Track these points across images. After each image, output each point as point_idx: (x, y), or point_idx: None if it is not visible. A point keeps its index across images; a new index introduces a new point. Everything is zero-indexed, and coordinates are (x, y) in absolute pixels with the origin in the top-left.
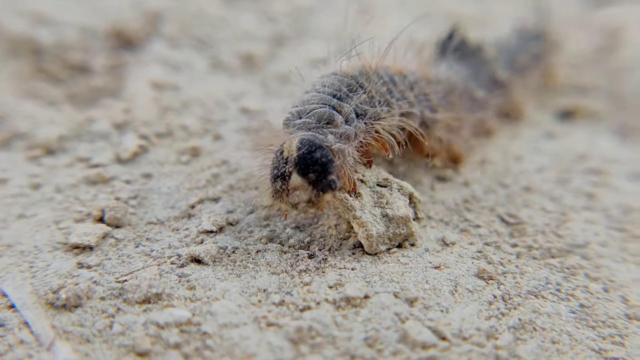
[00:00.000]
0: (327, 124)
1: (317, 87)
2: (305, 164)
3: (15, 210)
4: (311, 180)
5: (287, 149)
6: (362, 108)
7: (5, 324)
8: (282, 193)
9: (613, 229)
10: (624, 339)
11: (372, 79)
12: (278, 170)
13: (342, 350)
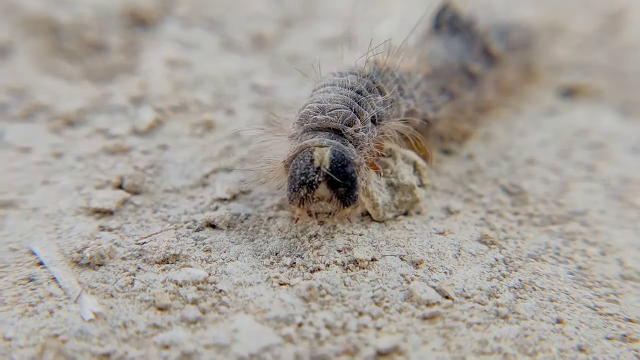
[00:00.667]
0: (348, 126)
1: (337, 88)
2: (338, 178)
3: (39, 177)
4: (340, 194)
5: (319, 158)
6: (378, 111)
7: (35, 278)
8: (305, 200)
9: (612, 198)
10: (619, 297)
11: (387, 79)
12: (306, 177)
13: (350, 307)
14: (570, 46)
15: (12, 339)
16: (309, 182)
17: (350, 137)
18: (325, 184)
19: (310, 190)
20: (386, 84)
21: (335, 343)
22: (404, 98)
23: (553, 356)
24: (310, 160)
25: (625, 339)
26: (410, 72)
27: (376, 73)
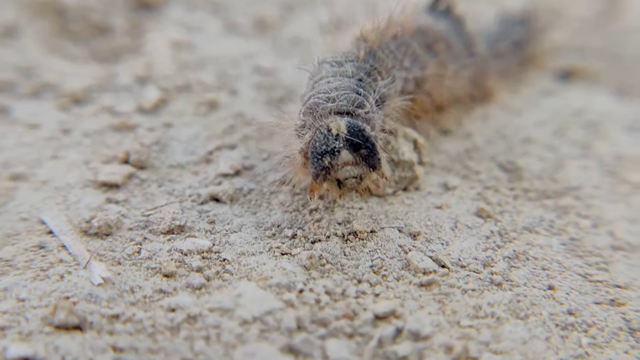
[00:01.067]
0: (358, 108)
1: (338, 77)
2: (358, 140)
3: (48, 152)
4: (363, 156)
5: (336, 127)
6: (380, 93)
7: (45, 246)
8: (330, 170)
9: (605, 174)
10: (608, 265)
11: (381, 58)
12: (327, 146)
13: (350, 275)
14: (569, 30)
15: (26, 299)
16: (331, 150)
17: (362, 119)
18: (347, 148)
19: (333, 157)
20: (383, 65)
21: (335, 308)
22: (398, 71)
23: (544, 319)
24: (328, 130)
25: (613, 303)
26: (397, 35)
27: (371, 56)
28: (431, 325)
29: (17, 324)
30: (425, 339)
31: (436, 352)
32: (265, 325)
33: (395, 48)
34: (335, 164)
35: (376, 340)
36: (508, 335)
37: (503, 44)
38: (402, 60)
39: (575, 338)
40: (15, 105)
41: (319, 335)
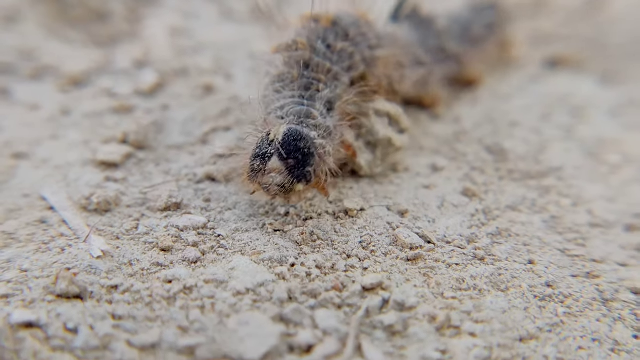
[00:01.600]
0: (307, 118)
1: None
2: (288, 149)
3: (48, 132)
4: (289, 166)
5: (275, 132)
6: (329, 97)
7: (46, 221)
8: (258, 172)
9: (586, 156)
10: (586, 241)
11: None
12: (260, 149)
13: (339, 250)
14: (556, 19)
15: (28, 270)
16: (262, 154)
17: (313, 123)
18: (277, 155)
19: (263, 162)
20: (321, 71)
21: (325, 280)
22: (341, 69)
23: (523, 291)
24: (267, 134)
25: (589, 275)
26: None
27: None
28: (416, 297)
29: (21, 292)
30: (410, 309)
31: (420, 321)
32: (257, 296)
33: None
34: (263, 168)
35: (363, 310)
36: (489, 305)
37: (477, 27)
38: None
39: (552, 308)
40: (16, 87)
41: (309, 305)
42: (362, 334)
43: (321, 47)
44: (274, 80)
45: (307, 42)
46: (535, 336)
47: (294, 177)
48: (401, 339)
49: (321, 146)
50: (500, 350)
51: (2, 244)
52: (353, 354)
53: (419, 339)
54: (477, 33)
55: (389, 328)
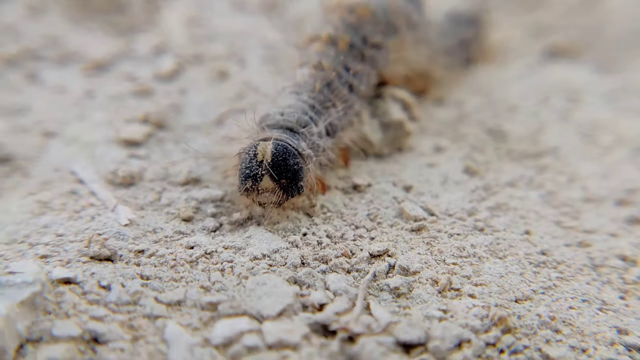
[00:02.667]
0: (304, 127)
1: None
2: (279, 170)
3: (75, 113)
4: (283, 186)
5: (262, 152)
6: (333, 123)
7: (77, 192)
8: (252, 192)
9: (582, 137)
10: (579, 214)
11: (337, 88)
12: (250, 170)
13: (348, 222)
14: (555, 11)
15: (63, 235)
16: (253, 175)
17: (304, 137)
18: (268, 176)
19: (254, 182)
20: (338, 95)
21: (335, 248)
22: (355, 96)
23: (519, 259)
24: (254, 154)
25: (581, 244)
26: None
27: (327, 87)
28: (420, 263)
29: (58, 254)
30: (414, 274)
31: (424, 284)
32: (273, 261)
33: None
34: (255, 188)
35: (371, 274)
36: (487, 270)
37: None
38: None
39: (546, 273)
40: (44, 72)
41: (320, 270)
42: (369, 295)
43: (342, 72)
44: (294, 85)
45: (331, 64)
46: (529, 297)
47: (289, 195)
48: (406, 299)
49: (309, 157)
50: (497, 310)
51: (39, 212)
52: (361, 311)
53: (422, 299)
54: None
55: (395, 290)
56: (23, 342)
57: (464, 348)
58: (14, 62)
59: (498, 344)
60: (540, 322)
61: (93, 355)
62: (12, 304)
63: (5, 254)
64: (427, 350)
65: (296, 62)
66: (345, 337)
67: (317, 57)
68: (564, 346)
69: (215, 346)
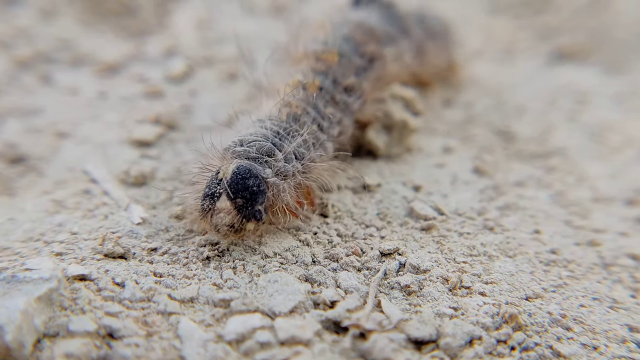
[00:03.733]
0: (268, 156)
1: (257, 126)
2: (236, 189)
3: (87, 113)
4: (237, 205)
5: (224, 171)
6: (299, 151)
7: (90, 191)
8: (208, 212)
9: (590, 137)
10: (588, 214)
11: (303, 122)
12: (209, 189)
13: (358, 221)
14: (562, 14)
15: (77, 233)
16: (211, 194)
17: (272, 164)
18: (225, 194)
19: (212, 201)
20: (303, 127)
21: (346, 247)
22: (325, 136)
23: (529, 257)
24: (216, 173)
25: (591, 243)
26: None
27: (293, 119)
28: (430, 261)
29: (72, 251)
30: (425, 272)
31: (434, 282)
32: (284, 259)
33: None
34: (212, 208)
35: (382, 272)
36: (497, 269)
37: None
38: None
39: (556, 272)
40: (57, 74)
41: (331, 268)
42: (380, 293)
43: (311, 111)
44: (262, 117)
45: (301, 105)
46: (540, 295)
47: (243, 217)
48: (417, 297)
49: (274, 184)
50: (507, 307)
51: (53, 210)
52: (373, 309)
53: (433, 297)
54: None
55: (406, 288)
56: (40, 336)
57: (475, 345)
58: (28, 64)
59: (509, 341)
60: (551, 319)
61: (108, 350)
62: (30, 299)
63: (22, 251)
64: (438, 347)
65: (263, 95)
66: (356, 334)
67: (286, 97)
68: (575, 344)
69: (229, 342)
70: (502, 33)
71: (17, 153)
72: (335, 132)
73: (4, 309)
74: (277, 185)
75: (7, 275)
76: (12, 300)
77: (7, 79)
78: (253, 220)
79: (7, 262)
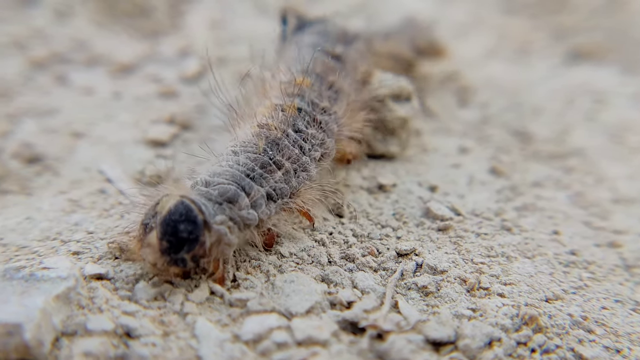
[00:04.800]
0: (229, 203)
1: (230, 162)
2: (165, 230)
3: (102, 113)
4: (162, 247)
5: (162, 204)
6: (278, 187)
7: (106, 191)
8: (138, 241)
9: (608, 138)
10: (609, 215)
11: (286, 146)
12: (146, 217)
13: (374, 221)
14: (579, 14)
15: (94, 232)
16: (145, 224)
17: (230, 213)
18: (154, 231)
19: (144, 232)
20: (286, 155)
21: (362, 247)
22: (309, 157)
23: (549, 258)
24: (156, 204)
25: (612, 245)
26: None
27: (272, 146)
28: (447, 262)
29: (89, 251)
30: (442, 273)
31: (452, 283)
32: (300, 259)
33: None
34: (143, 239)
35: (399, 272)
36: (516, 270)
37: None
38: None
39: (577, 273)
40: (72, 74)
41: (347, 268)
42: (397, 293)
43: (291, 133)
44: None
45: (280, 127)
46: (560, 297)
47: (165, 260)
48: (434, 298)
49: (219, 233)
50: (527, 309)
51: (70, 210)
52: (390, 309)
53: (451, 298)
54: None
55: (423, 289)
56: (58, 335)
57: (495, 347)
58: (44, 65)
59: (529, 343)
60: (572, 321)
61: (126, 349)
62: (48, 298)
63: (39, 250)
64: (457, 349)
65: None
66: (374, 335)
67: (263, 119)
68: (597, 346)
69: (245, 342)
70: (517, 33)
71: (33, 153)
72: (318, 155)
73: (23, 307)
74: (221, 235)
75: (26, 274)
76: (31, 298)
77: (23, 80)
78: (174, 266)
79: (25, 261)
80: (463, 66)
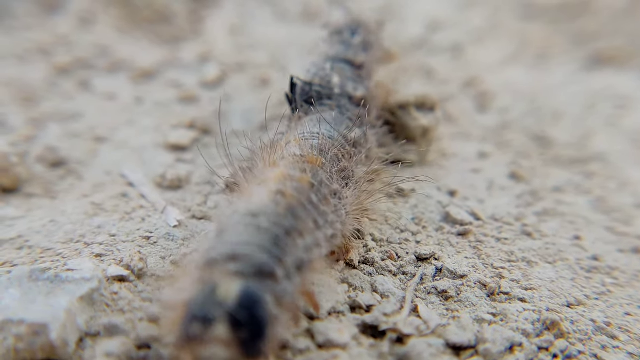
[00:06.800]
0: (267, 278)
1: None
2: (244, 316)
3: (124, 118)
4: (242, 339)
5: (225, 288)
6: (299, 257)
7: (127, 195)
8: (195, 340)
9: (630, 142)
10: (632, 220)
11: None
12: (202, 310)
13: (393, 226)
14: (600, 19)
15: (116, 235)
16: (205, 317)
17: (272, 290)
18: (226, 321)
19: (204, 326)
20: (304, 225)
21: (381, 251)
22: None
23: (570, 264)
24: (213, 290)
25: (636, 250)
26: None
27: (291, 214)
28: (467, 266)
29: (112, 253)
30: (463, 277)
31: (472, 287)
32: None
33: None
34: (204, 336)
35: (419, 276)
36: (537, 275)
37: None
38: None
39: (599, 279)
40: (95, 80)
41: (367, 272)
42: (417, 298)
43: (309, 206)
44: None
45: (296, 196)
46: (582, 302)
47: (246, 354)
48: (454, 303)
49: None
50: (549, 314)
51: (93, 213)
52: (410, 313)
53: (471, 303)
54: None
55: (443, 293)
56: (83, 335)
57: (516, 351)
58: (67, 70)
59: (551, 348)
60: (595, 327)
61: (147, 351)
62: (73, 299)
63: (64, 252)
64: (477, 353)
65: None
66: (394, 338)
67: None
68: (621, 352)
69: None
70: (537, 38)
71: (57, 157)
72: (330, 234)
73: (49, 307)
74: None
75: (51, 275)
76: (57, 299)
77: (48, 85)
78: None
79: (50, 263)
80: (482, 71)
